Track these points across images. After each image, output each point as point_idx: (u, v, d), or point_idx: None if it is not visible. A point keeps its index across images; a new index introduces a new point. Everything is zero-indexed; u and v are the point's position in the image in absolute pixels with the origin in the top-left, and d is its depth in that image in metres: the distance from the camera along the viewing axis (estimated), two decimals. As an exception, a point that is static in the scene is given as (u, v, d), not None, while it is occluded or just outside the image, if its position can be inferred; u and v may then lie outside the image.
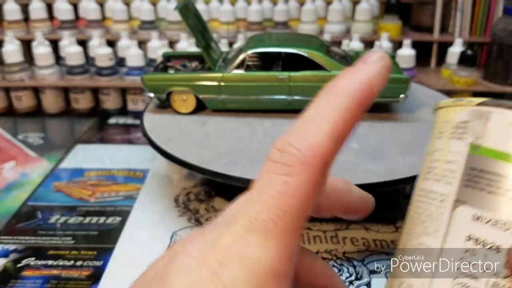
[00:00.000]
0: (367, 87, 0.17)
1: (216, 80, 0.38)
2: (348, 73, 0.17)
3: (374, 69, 0.17)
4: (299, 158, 0.16)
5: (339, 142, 0.16)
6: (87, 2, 0.72)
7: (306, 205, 0.15)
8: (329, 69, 0.36)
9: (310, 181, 0.15)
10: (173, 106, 0.39)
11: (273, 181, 0.16)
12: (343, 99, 0.17)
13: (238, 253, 0.15)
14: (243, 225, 0.15)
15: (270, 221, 0.15)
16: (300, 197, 0.15)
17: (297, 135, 0.16)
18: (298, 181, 0.15)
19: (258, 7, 0.70)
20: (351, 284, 0.30)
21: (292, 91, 0.37)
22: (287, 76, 0.37)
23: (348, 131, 0.17)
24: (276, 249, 0.15)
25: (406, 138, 0.36)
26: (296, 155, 0.16)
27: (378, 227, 0.35)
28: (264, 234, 0.15)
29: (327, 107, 0.17)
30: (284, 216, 0.15)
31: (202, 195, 0.40)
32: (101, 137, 0.52)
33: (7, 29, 0.71)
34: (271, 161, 0.16)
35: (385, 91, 0.38)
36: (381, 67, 0.17)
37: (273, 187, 0.15)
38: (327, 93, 0.17)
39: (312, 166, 0.15)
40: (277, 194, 0.15)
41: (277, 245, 0.15)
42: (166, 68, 0.41)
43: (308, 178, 0.15)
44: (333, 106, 0.17)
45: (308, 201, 0.15)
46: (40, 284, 0.30)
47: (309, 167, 0.15)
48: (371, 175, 0.31)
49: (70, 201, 0.39)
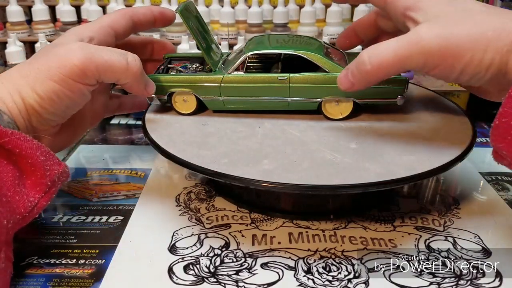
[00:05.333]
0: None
1: (216, 82, 0.38)
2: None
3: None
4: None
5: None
6: (89, 4, 0.73)
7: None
8: (328, 71, 0.37)
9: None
10: (174, 107, 0.40)
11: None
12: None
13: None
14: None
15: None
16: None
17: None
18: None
19: (258, 9, 0.71)
20: (349, 282, 0.30)
21: (291, 92, 0.38)
22: (287, 78, 0.37)
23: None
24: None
25: (404, 138, 0.36)
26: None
27: (376, 226, 0.36)
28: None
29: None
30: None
31: (203, 195, 0.40)
32: (103, 137, 0.53)
33: (10, 30, 0.71)
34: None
35: (383, 92, 0.39)
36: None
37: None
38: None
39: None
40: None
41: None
42: (167, 69, 0.42)
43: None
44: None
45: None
46: (42, 282, 0.30)
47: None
48: (369, 175, 0.31)
49: (73, 200, 0.40)
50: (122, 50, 0.35)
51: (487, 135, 0.53)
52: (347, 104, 0.38)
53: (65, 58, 0.32)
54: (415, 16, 0.32)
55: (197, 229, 0.35)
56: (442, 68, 0.30)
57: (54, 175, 0.30)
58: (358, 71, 0.32)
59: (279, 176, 0.31)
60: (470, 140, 0.36)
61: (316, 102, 0.38)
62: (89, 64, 0.32)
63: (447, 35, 0.29)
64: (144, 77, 0.36)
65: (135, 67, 0.34)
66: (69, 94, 0.33)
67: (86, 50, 0.33)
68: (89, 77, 0.33)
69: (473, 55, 0.29)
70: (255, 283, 0.30)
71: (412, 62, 0.30)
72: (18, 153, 0.28)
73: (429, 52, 0.29)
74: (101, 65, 0.33)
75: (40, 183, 0.29)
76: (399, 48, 0.30)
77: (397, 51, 0.30)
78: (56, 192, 0.31)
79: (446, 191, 0.41)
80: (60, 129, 0.36)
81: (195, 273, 0.31)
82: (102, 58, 0.33)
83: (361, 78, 0.32)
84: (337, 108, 0.39)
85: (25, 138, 0.29)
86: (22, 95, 0.32)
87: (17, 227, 0.29)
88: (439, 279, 0.30)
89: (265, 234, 0.35)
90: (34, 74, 0.32)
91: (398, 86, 0.37)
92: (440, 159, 0.33)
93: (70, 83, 0.33)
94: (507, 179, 0.43)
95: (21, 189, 0.29)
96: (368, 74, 0.32)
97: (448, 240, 0.34)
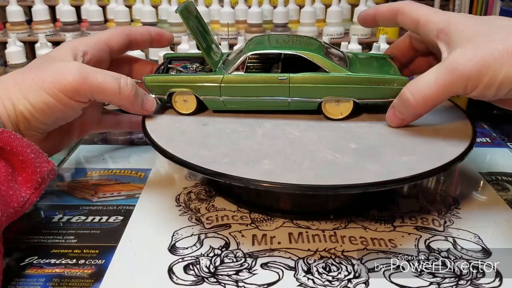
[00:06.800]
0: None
1: (216, 82, 0.38)
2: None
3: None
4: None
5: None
6: (89, 4, 0.73)
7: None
8: (328, 71, 0.37)
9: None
10: (175, 107, 0.40)
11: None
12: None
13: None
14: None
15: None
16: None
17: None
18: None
19: (258, 9, 0.71)
20: (349, 282, 0.30)
21: (291, 92, 0.38)
22: (287, 78, 0.37)
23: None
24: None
25: (403, 138, 0.36)
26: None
27: (376, 226, 0.36)
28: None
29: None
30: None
31: (203, 195, 0.40)
32: (103, 137, 0.53)
33: (10, 30, 0.71)
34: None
35: (383, 92, 0.39)
36: None
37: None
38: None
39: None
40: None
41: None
42: (168, 69, 0.42)
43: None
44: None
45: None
46: (42, 282, 0.30)
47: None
48: (369, 175, 0.31)
49: (73, 200, 0.40)
50: (117, 73, 0.36)
51: (487, 135, 0.53)
52: (347, 104, 0.38)
53: (60, 74, 0.33)
54: (448, 39, 0.33)
55: (197, 229, 0.35)
56: (481, 88, 0.31)
57: (44, 172, 0.31)
58: (404, 108, 0.35)
59: (279, 176, 0.31)
60: (470, 140, 0.36)
61: (316, 102, 0.38)
62: (83, 84, 0.33)
63: (481, 57, 0.30)
64: (138, 99, 0.37)
65: (127, 91, 0.35)
66: (60, 107, 0.34)
67: (82, 70, 0.34)
68: (82, 96, 0.34)
69: (508, 69, 0.30)
70: (255, 283, 0.30)
71: (453, 90, 0.32)
72: (10, 151, 0.29)
73: (467, 76, 0.31)
74: (94, 87, 0.34)
75: (31, 179, 0.30)
76: (438, 80, 0.32)
77: (437, 83, 0.32)
78: (45, 188, 0.32)
79: (446, 191, 0.41)
80: (47, 137, 0.37)
81: (195, 273, 0.31)
82: (96, 80, 0.34)
83: (409, 114, 0.35)
84: (337, 108, 0.39)
85: (16, 136, 0.30)
86: (13, 101, 0.32)
87: (9, 221, 0.29)
88: (439, 279, 0.30)
89: (265, 234, 0.35)
90: (28, 83, 0.33)
91: (398, 86, 0.37)
92: (440, 159, 0.33)
93: (63, 98, 0.33)
94: (507, 179, 0.43)
95: (14, 185, 0.29)
96: (415, 109, 0.34)
97: (448, 240, 0.34)
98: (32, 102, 0.33)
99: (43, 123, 0.34)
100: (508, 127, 0.55)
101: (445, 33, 0.34)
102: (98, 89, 0.34)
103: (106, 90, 0.34)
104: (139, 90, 0.37)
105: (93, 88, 0.34)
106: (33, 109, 0.33)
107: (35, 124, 0.34)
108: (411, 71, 0.44)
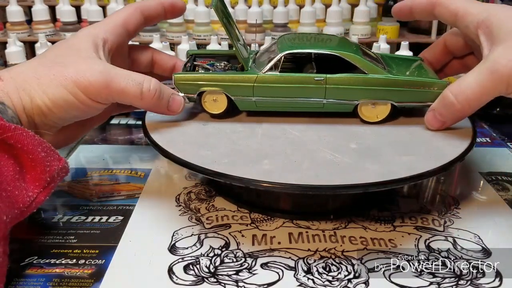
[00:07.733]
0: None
1: (250, 81, 0.37)
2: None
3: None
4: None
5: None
6: (89, 4, 0.73)
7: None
8: (367, 72, 0.36)
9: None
10: (204, 107, 0.39)
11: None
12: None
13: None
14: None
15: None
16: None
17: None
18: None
19: (258, 9, 0.71)
20: (349, 282, 0.30)
21: (327, 94, 0.37)
22: (323, 78, 0.36)
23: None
24: None
25: (403, 138, 0.36)
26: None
27: (376, 226, 0.36)
28: None
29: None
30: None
31: (203, 195, 0.40)
32: (103, 137, 0.53)
33: (10, 30, 0.71)
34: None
35: (423, 95, 0.39)
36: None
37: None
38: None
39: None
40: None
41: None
42: (194, 67, 0.41)
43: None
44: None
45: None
46: (42, 282, 0.30)
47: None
48: (369, 175, 0.31)
49: (73, 200, 0.40)
50: (141, 76, 0.35)
51: (487, 135, 0.53)
52: (385, 107, 0.37)
53: (84, 75, 0.33)
54: (489, 32, 0.33)
55: (197, 229, 0.35)
56: None
57: (53, 171, 0.30)
58: (447, 110, 0.35)
59: (279, 176, 0.31)
60: (470, 140, 0.36)
61: (352, 104, 0.37)
62: (105, 88, 0.33)
63: None
64: (163, 101, 0.36)
65: (149, 96, 0.35)
66: (80, 106, 0.33)
67: (105, 74, 0.33)
68: (103, 99, 0.34)
69: None
70: (255, 283, 0.30)
71: (496, 90, 0.32)
72: (20, 148, 0.29)
73: (508, 77, 0.31)
74: (115, 92, 0.34)
75: (40, 178, 0.30)
76: (480, 81, 0.32)
77: (479, 84, 0.32)
78: (54, 187, 0.31)
79: (446, 191, 0.41)
80: (62, 128, 0.36)
81: (195, 273, 0.31)
82: (119, 86, 0.33)
83: (452, 117, 0.35)
84: (373, 110, 0.38)
85: (28, 133, 0.29)
86: (31, 94, 0.32)
87: (15, 221, 0.29)
88: (439, 279, 0.30)
89: (265, 234, 0.35)
90: (49, 79, 0.32)
91: (438, 89, 0.36)
92: (440, 159, 0.33)
93: (84, 98, 0.33)
94: (507, 179, 0.43)
95: (21, 184, 0.29)
96: (458, 112, 0.34)
97: (448, 240, 0.34)
98: (52, 98, 0.32)
99: (60, 118, 0.34)
100: (508, 127, 0.55)
101: (486, 25, 0.33)
102: (120, 94, 0.34)
103: (128, 96, 0.34)
104: (164, 92, 0.36)
105: (114, 93, 0.34)
106: (52, 104, 0.32)
107: (51, 119, 0.33)
108: (445, 75, 0.44)
